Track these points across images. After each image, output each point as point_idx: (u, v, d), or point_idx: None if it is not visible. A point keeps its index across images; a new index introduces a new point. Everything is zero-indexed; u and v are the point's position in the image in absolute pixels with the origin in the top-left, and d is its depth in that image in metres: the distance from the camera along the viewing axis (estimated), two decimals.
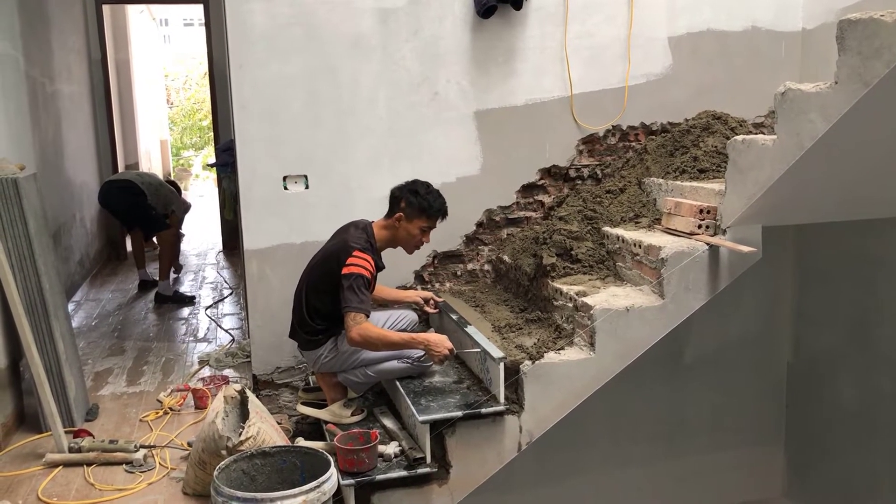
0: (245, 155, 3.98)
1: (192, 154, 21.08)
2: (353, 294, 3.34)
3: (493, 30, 4.17)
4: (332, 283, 3.44)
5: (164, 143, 16.08)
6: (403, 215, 3.54)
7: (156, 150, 14.10)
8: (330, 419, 3.58)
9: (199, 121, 21.28)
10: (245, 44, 3.90)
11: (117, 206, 6.75)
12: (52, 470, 3.46)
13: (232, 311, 6.20)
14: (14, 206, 3.66)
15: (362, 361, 3.56)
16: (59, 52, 6.60)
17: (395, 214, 3.56)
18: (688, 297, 3.34)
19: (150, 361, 4.99)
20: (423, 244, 3.67)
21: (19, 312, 3.58)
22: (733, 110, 4.36)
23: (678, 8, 4.37)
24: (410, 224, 3.55)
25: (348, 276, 3.36)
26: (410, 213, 3.54)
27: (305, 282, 3.64)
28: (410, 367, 3.55)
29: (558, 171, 4.40)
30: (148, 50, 13.65)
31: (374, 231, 3.59)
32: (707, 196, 3.51)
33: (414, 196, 3.54)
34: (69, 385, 3.85)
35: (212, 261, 8.39)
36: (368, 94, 4.07)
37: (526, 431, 3.33)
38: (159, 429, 3.90)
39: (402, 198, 3.56)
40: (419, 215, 3.54)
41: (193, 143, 21.43)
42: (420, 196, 3.54)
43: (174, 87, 22.86)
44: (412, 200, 3.53)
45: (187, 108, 22.16)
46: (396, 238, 3.61)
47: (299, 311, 3.62)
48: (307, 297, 3.59)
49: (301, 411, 3.78)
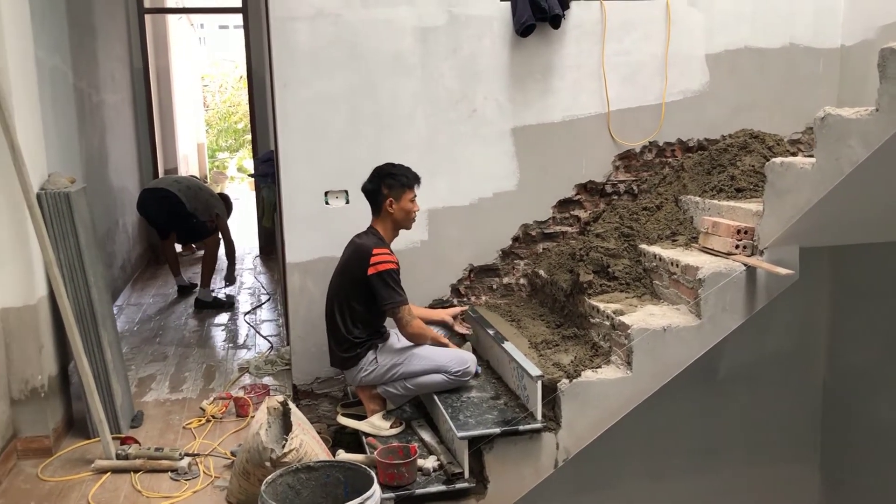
0: (287, 171, 4.08)
1: (227, 156, 21.34)
2: (391, 290, 3.50)
3: (531, 48, 4.22)
4: (359, 289, 3.55)
5: (201, 147, 16.34)
6: (392, 198, 3.64)
7: (193, 153, 14.34)
8: (369, 431, 3.65)
9: (234, 123, 21.54)
10: (289, 62, 3.99)
11: (156, 216, 6.75)
12: (101, 476, 3.57)
13: (270, 318, 6.31)
14: (66, 220, 3.78)
15: (402, 374, 3.63)
16: (104, 63, 6.77)
17: (385, 202, 3.65)
18: (724, 318, 3.36)
19: (192, 368, 5.11)
20: (416, 212, 3.76)
21: (70, 322, 3.71)
22: (770, 127, 4.37)
23: (716, 26, 4.38)
24: (401, 202, 3.65)
25: (378, 274, 3.48)
26: (397, 193, 3.64)
27: (333, 301, 3.72)
28: (449, 382, 3.63)
29: (594, 187, 4.44)
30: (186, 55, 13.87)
31: (378, 229, 3.69)
32: (744, 216, 3.53)
33: (391, 178, 3.65)
34: (116, 393, 3.97)
35: (249, 266, 8.53)
36: (408, 110, 4.15)
37: (563, 448, 3.38)
38: (202, 436, 4.00)
39: (381, 186, 3.65)
40: (404, 190, 3.65)
41: (229, 146, 21.69)
42: (396, 175, 3.65)
43: (210, 89, 23.16)
44: (392, 182, 3.64)
45: (223, 110, 22.43)
46: (396, 222, 3.70)
47: (335, 330, 3.70)
48: (339, 312, 3.66)
49: (341, 422, 3.85)
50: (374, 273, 3.49)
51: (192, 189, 6.72)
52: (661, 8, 4.32)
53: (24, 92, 3.74)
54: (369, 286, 3.53)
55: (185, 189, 6.63)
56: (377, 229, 3.70)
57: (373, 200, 3.70)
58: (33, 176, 3.66)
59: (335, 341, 3.73)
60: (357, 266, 3.55)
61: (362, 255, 3.56)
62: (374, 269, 3.49)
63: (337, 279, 3.73)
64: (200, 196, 6.75)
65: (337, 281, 3.73)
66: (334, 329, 3.71)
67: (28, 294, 3.69)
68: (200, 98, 19.15)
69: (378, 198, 3.66)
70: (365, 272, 3.51)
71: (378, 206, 3.68)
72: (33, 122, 3.86)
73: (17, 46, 3.67)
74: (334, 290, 3.73)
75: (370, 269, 3.49)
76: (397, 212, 3.66)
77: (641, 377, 3.35)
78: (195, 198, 6.66)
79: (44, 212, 3.69)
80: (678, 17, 4.34)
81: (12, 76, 3.56)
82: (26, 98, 3.77)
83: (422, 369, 3.62)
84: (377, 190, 3.66)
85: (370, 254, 3.52)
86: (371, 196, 3.70)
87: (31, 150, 3.72)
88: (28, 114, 3.77)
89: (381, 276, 3.50)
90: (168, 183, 6.80)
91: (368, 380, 3.67)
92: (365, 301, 3.58)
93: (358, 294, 3.58)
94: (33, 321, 3.71)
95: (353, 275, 3.59)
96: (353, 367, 3.68)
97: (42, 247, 3.64)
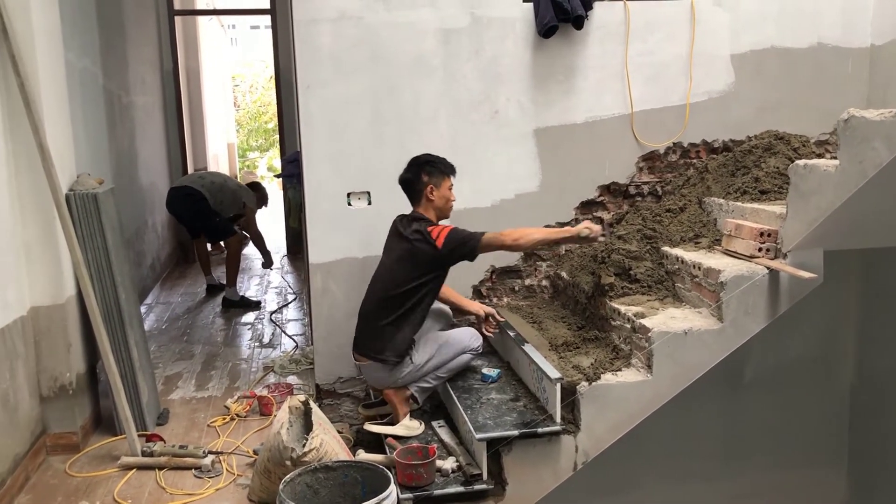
0: (311, 172, 4.11)
1: (257, 156, 21.54)
2: (464, 238, 3.52)
3: (554, 49, 4.21)
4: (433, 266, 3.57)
5: (231, 146, 16.51)
6: (433, 185, 3.66)
7: (223, 153, 14.49)
8: (405, 434, 3.65)
9: (264, 123, 21.73)
10: (312, 64, 4.02)
11: (182, 213, 6.86)
12: (127, 472, 3.64)
13: (296, 317, 6.36)
14: (93, 220, 3.85)
15: (435, 365, 3.69)
16: (133, 65, 6.88)
17: (426, 189, 3.66)
18: (747, 321, 3.33)
19: (218, 366, 5.17)
20: (453, 202, 3.78)
21: (97, 321, 3.78)
22: (797, 128, 4.31)
23: (741, 25, 4.34)
24: (440, 189, 3.67)
25: (447, 239, 3.51)
26: (437, 180, 3.66)
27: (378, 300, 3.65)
28: (471, 358, 3.82)
29: (618, 188, 4.42)
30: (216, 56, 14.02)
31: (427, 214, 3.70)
32: (768, 219, 3.49)
33: (430, 166, 3.67)
34: (142, 391, 4.03)
35: (276, 265, 8.61)
36: (430, 112, 4.16)
37: (582, 451, 3.37)
38: (226, 434, 4.05)
39: (420, 175, 3.66)
40: (443, 177, 3.68)
41: (259, 146, 21.90)
42: (433, 163, 3.68)
43: (240, 89, 23.39)
44: (431, 170, 3.66)
45: (253, 110, 22.65)
46: (437, 209, 3.71)
47: (379, 332, 3.62)
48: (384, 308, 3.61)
49: (371, 430, 3.75)
50: (444, 241, 3.51)
51: (217, 184, 6.78)
52: (686, 8, 4.29)
53: (54, 95, 3.82)
54: (450, 255, 3.54)
55: (210, 185, 6.70)
56: (423, 214, 3.69)
57: (412, 189, 3.70)
58: (62, 177, 3.73)
59: (381, 342, 3.63)
60: (422, 251, 3.54)
61: (424, 237, 3.55)
62: (440, 239, 3.52)
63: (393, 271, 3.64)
64: (226, 190, 6.81)
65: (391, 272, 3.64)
66: (378, 332, 3.63)
67: (57, 293, 3.76)
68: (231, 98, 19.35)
69: (418, 185, 3.66)
70: (436, 248, 3.51)
71: (418, 194, 3.68)
72: (62, 124, 3.94)
73: (48, 51, 3.75)
74: (398, 278, 3.60)
75: (438, 242, 3.51)
76: (438, 199, 3.67)
77: (662, 380, 3.33)
78: (220, 192, 6.72)
79: (72, 212, 3.76)
80: (703, 16, 4.30)
81: (42, 80, 3.63)
82: (56, 101, 3.84)
83: (453, 354, 3.73)
84: (416, 178, 3.66)
85: (429, 231, 3.55)
86: (410, 185, 3.69)
87: (60, 151, 3.80)
88: (57, 116, 3.85)
89: (451, 238, 3.52)
90: (192, 180, 6.88)
91: (407, 378, 3.67)
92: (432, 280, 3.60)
93: (428, 275, 3.58)
94: (62, 320, 3.78)
95: (419, 260, 3.56)
96: (395, 368, 3.64)
97: (70, 247, 3.71)
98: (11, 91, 3.53)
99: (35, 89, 3.57)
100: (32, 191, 3.66)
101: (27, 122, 3.54)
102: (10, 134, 3.57)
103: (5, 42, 3.46)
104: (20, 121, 3.55)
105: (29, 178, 3.64)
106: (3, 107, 3.53)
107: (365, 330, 3.70)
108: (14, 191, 3.61)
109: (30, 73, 3.54)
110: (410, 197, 3.73)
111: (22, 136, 3.58)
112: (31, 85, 3.54)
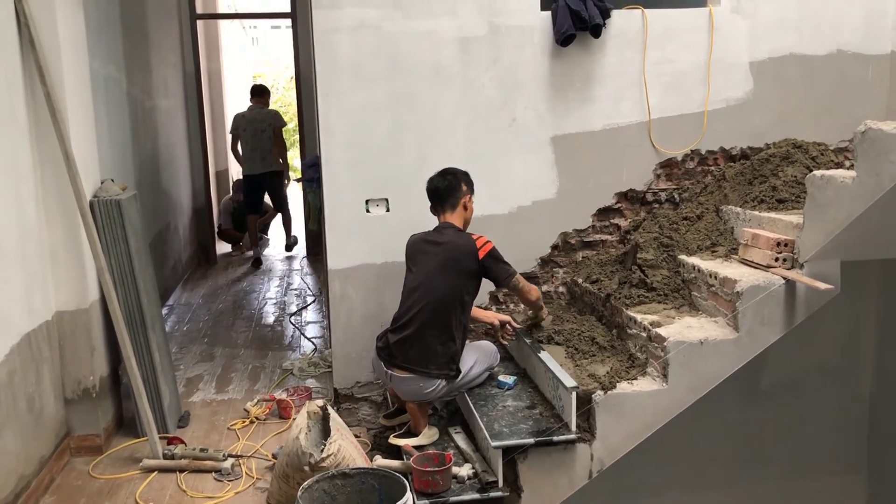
0: (330, 179, 4.16)
1: None
2: (503, 264, 3.67)
3: (572, 57, 4.22)
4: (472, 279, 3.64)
5: None
6: (471, 196, 3.80)
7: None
8: (427, 442, 3.68)
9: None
10: (332, 72, 4.06)
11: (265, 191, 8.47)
12: (148, 475, 3.70)
13: (315, 319, 6.41)
14: (117, 226, 3.92)
15: (466, 382, 3.77)
16: (156, 69, 6.96)
17: (465, 198, 3.76)
18: (763, 331, 3.34)
19: (238, 369, 5.23)
20: None
21: (120, 325, 3.85)
22: (816, 135, 4.30)
23: (760, 33, 4.33)
24: (470, 202, 3.83)
25: (488, 254, 3.61)
26: (470, 192, 3.82)
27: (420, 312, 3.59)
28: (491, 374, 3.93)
29: (635, 195, 4.43)
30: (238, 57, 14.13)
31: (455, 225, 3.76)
32: (785, 228, 3.49)
33: (466, 177, 3.81)
34: (164, 394, 4.10)
35: (296, 266, 8.68)
36: (448, 120, 4.19)
37: (597, 459, 3.39)
38: (246, 438, 4.11)
39: (461, 185, 3.77)
40: (472, 191, 3.84)
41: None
42: (468, 176, 3.83)
43: None
44: (469, 181, 3.81)
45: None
46: (466, 221, 3.82)
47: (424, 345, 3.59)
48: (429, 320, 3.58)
49: (395, 444, 3.71)
50: (485, 255, 3.60)
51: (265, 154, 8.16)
52: (704, 16, 4.29)
53: (79, 103, 3.89)
54: (484, 270, 3.62)
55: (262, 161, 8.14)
56: (454, 224, 3.75)
57: (452, 196, 3.75)
58: (86, 184, 3.80)
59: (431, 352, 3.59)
60: (466, 258, 3.60)
61: (465, 245, 3.62)
62: (483, 251, 3.60)
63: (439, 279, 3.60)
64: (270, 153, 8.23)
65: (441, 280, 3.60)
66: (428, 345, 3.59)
67: (81, 298, 3.83)
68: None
69: (458, 194, 3.74)
70: (477, 258, 3.59)
71: (456, 202, 3.75)
72: (87, 131, 4.01)
73: (73, 60, 3.82)
74: (442, 291, 3.58)
75: (480, 253, 3.59)
76: (469, 210, 3.79)
77: (677, 390, 3.35)
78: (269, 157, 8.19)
79: (96, 219, 3.83)
80: (721, 24, 4.30)
81: (67, 89, 3.71)
82: (81, 109, 3.91)
83: (479, 373, 3.82)
84: (457, 187, 3.74)
85: (473, 241, 3.63)
86: (450, 192, 3.74)
87: (85, 158, 3.87)
88: (82, 124, 3.92)
89: (492, 255, 3.62)
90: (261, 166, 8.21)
91: (441, 394, 3.69)
92: (474, 289, 3.69)
93: (470, 285, 3.66)
94: (86, 324, 3.85)
95: (463, 267, 3.61)
96: (435, 383, 3.61)
97: (94, 252, 3.78)
98: (38, 100, 3.61)
99: (61, 98, 3.65)
100: (58, 198, 3.73)
101: (53, 131, 3.61)
102: (37, 142, 3.65)
103: (32, 53, 3.54)
104: (47, 129, 3.63)
105: (55, 186, 3.71)
106: (31, 116, 3.61)
107: (406, 342, 3.62)
108: (40, 198, 3.69)
109: (56, 82, 3.62)
110: (443, 203, 3.76)
111: (48, 144, 3.65)
112: (57, 94, 3.61)
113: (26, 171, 3.55)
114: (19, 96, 3.51)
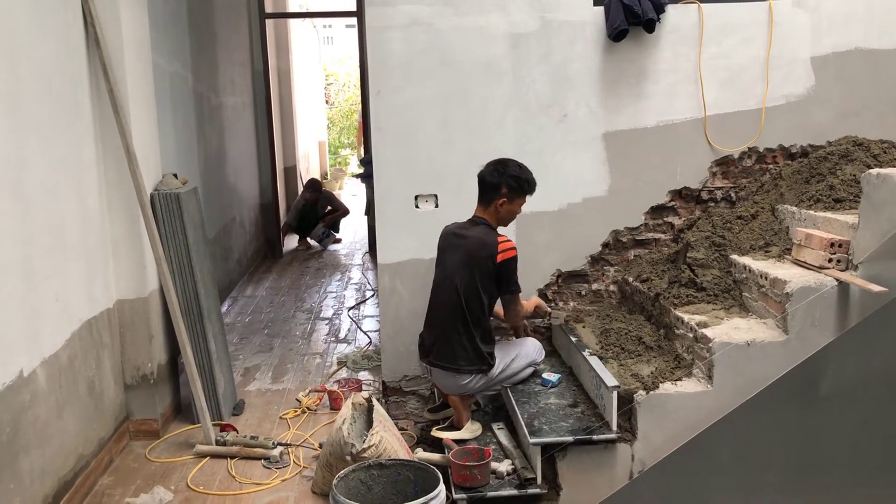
0: (381, 175, 4.21)
1: (349, 153, 21.99)
2: (514, 277, 3.65)
3: (624, 52, 4.17)
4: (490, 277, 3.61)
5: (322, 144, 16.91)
6: (506, 201, 3.67)
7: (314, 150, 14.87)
8: (470, 437, 3.71)
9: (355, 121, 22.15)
10: (383, 70, 4.12)
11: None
12: (201, 460, 3.83)
13: (373, 314, 6.50)
14: (175, 219, 4.06)
15: (506, 377, 3.77)
16: (224, 67, 7.16)
17: (497, 201, 3.66)
18: (813, 334, 3.24)
19: (294, 360, 5.36)
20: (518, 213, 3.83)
21: (177, 315, 3.99)
22: (881, 132, 4.14)
23: (823, 27, 4.19)
24: (512, 204, 3.69)
25: (506, 261, 3.59)
26: (512, 196, 3.67)
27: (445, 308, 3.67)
28: (534, 370, 3.92)
29: (689, 193, 4.34)
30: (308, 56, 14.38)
31: (487, 220, 3.71)
32: (840, 228, 3.38)
33: (514, 181, 3.65)
34: (219, 382, 4.23)
35: (357, 261, 8.81)
36: (498, 116, 4.19)
37: (638, 460, 3.35)
38: (296, 427, 4.21)
39: (500, 186, 3.65)
40: (521, 195, 3.70)
41: (350, 143, 22.34)
42: (518, 179, 3.66)
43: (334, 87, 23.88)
44: (514, 186, 3.65)
45: (345, 108, 23.10)
46: (500, 219, 3.74)
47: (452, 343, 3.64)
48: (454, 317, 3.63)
49: (438, 436, 3.76)
50: (503, 260, 3.58)
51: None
52: (764, 10, 4.17)
53: (142, 99, 4.04)
54: (496, 273, 3.60)
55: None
56: (486, 220, 3.72)
57: (488, 192, 3.70)
58: (147, 177, 3.95)
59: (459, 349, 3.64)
60: (487, 255, 3.59)
61: (488, 244, 3.61)
62: (502, 255, 3.58)
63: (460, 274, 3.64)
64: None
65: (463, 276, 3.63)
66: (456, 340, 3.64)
67: (140, 287, 3.99)
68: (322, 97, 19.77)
69: (494, 195, 3.67)
70: (495, 260, 3.58)
71: (490, 200, 3.69)
72: (149, 126, 4.17)
73: (136, 58, 3.98)
74: (464, 287, 3.62)
75: (499, 257, 3.58)
76: (504, 212, 3.70)
77: (723, 392, 3.28)
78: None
79: (155, 211, 3.98)
80: (782, 18, 4.17)
81: (130, 86, 3.86)
82: (143, 105, 4.07)
83: (521, 367, 3.82)
84: (496, 187, 3.66)
85: (496, 242, 3.61)
86: (489, 188, 3.69)
87: (146, 153, 4.02)
88: (144, 119, 4.07)
89: (509, 264, 3.60)
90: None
91: (477, 389, 3.73)
92: (492, 289, 3.66)
93: (489, 282, 3.63)
94: (145, 313, 4.01)
95: (481, 265, 3.61)
96: (468, 378, 3.66)
97: (153, 244, 3.93)
98: (102, 97, 3.77)
99: (123, 95, 3.80)
100: (119, 190, 3.89)
101: (116, 126, 3.77)
102: (100, 137, 3.81)
103: (97, 51, 3.70)
104: (110, 124, 3.79)
105: (117, 179, 3.87)
106: (95, 111, 3.77)
107: (436, 339, 3.72)
108: (103, 191, 3.86)
109: (118, 79, 3.77)
110: (481, 196, 3.74)
111: (111, 138, 3.81)
112: (120, 91, 3.77)
113: (90, 165, 3.71)
114: (84, 92, 3.68)
